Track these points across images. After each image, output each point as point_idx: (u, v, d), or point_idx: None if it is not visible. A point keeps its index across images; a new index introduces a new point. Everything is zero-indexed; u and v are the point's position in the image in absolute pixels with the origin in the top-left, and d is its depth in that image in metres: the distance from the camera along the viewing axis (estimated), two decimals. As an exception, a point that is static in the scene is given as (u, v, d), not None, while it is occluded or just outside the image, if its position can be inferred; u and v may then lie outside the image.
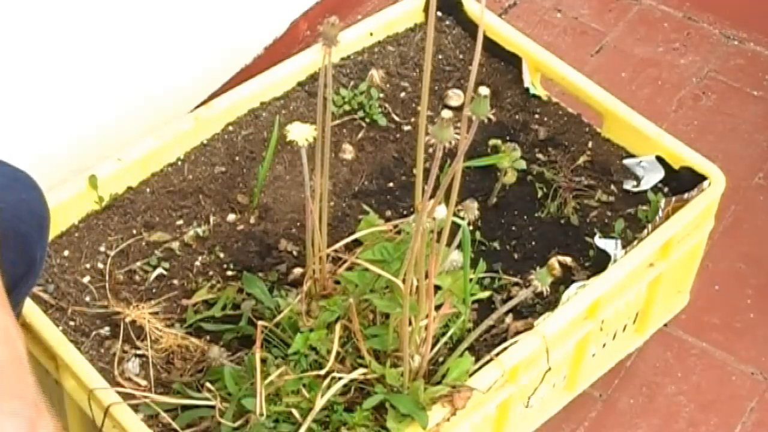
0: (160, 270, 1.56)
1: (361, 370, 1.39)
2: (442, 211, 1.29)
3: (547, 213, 1.66)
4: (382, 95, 1.80)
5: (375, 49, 1.86)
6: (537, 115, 1.79)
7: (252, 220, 1.63)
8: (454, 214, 1.32)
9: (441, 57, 1.86)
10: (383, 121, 1.76)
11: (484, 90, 1.12)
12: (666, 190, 1.69)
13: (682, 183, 1.67)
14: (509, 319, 1.52)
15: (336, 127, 1.74)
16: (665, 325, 1.79)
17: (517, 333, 1.48)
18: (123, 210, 1.61)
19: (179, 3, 1.85)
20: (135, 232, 1.60)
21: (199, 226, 1.61)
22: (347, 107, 1.77)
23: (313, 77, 1.79)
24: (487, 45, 1.83)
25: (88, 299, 1.52)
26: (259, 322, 1.43)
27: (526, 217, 1.66)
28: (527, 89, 1.82)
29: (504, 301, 1.54)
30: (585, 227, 1.65)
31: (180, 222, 1.62)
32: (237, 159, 1.69)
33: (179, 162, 1.67)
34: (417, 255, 1.27)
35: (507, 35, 1.84)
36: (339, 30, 1.23)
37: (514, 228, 1.64)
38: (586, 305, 1.52)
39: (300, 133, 1.28)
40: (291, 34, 2.14)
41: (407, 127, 1.77)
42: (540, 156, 1.73)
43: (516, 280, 1.57)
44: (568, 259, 1.59)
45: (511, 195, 1.68)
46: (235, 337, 1.49)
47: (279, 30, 2.12)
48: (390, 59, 1.85)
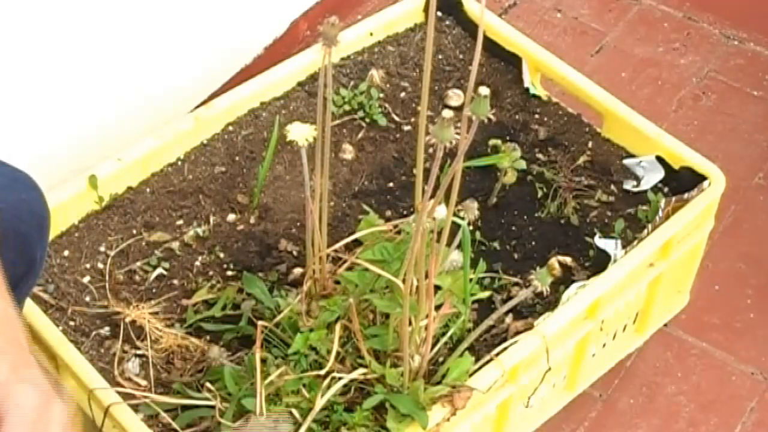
0: (160, 270, 1.56)
1: (361, 370, 1.39)
2: (442, 211, 1.29)
3: (547, 213, 1.66)
4: (382, 95, 1.80)
5: (375, 49, 1.86)
6: (537, 115, 1.79)
7: (252, 220, 1.63)
8: (454, 214, 1.31)
9: (441, 57, 1.86)
10: (383, 121, 1.76)
11: (484, 90, 1.12)
12: (666, 190, 1.69)
13: (682, 183, 1.67)
14: (509, 319, 1.52)
15: (336, 127, 1.74)
16: (665, 325, 1.79)
17: (517, 333, 1.48)
18: (123, 210, 1.61)
19: (179, 3, 1.85)
20: (135, 232, 1.60)
21: (199, 226, 1.61)
22: (347, 107, 1.77)
23: (313, 77, 1.79)
24: (487, 45, 1.83)
25: (88, 299, 1.52)
26: (259, 322, 1.43)
27: (526, 217, 1.66)
28: (527, 89, 1.82)
29: (504, 301, 1.54)
30: (585, 227, 1.65)
31: (180, 222, 1.62)
32: (237, 159, 1.69)
33: (179, 162, 1.67)
34: (417, 255, 1.27)
35: (507, 35, 1.84)
36: (339, 30, 1.23)
37: (514, 228, 1.64)
38: (586, 305, 1.52)
39: (300, 133, 1.28)
40: (291, 34, 2.14)
41: (407, 127, 1.77)
42: (540, 156, 1.73)
43: (516, 280, 1.57)
44: (568, 259, 1.59)
45: (511, 195, 1.68)
46: (235, 337, 1.49)
47: (279, 30, 2.12)
48: (390, 59, 1.85)
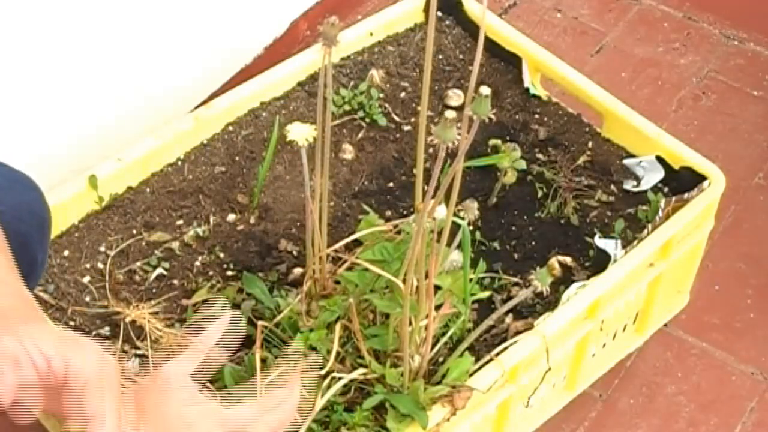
0: (160, 270, 1.56)
1: (361, 370, 1.39)
2: (442, 211, 1.29)
3: (547, 213, 1.66)
4: (382, 95, 1.79)
5: (375, 49, 1.86)
6: (537, 115, 1.79)
7: (252, 220, 1.63)
8: (454, 214, 1.31)
9: (441, 57, 1.86)
10: (383, 121, 1.76)
11: (485, 90, 1.12)
12: (666, 190, 1.69)
13: (682, 183, 1.67)
14: (509, 319, 1.52)
15: (336, 127, 1.74)
16: (665, 325, 1.79)
17: (517, 333, 1.48)
18: (123, 210, 1.61)
19: (179, 3, 1.85)
20: (135, 232, 1.60)
21: (199, 226, 1.61)
22: (347, 107, 1.77)
23: (313, 77, 1.79)
24: (487, 45, 1.83)
25: (88, 299, 1.52)
26: (259, 322, 1.43)
27: (526, 217, 1.66)
28: (527, 89, 1.82)
29: (504, 301, 1.53)
30: (585, 227, 1.64)
31: (180, 222, 1.62)
32: (237, 159, 1.69)
33: (179, 162, 1.67)
34: (417, 255, 1.27)
35: (507, 35, 1.84)
36: (339, 30, 1.23)
37: (514, 228, 1.64)
38: (586, 305, 1.52)
39: (300, 133, 1.28)
40: (291, 34, 2.14)
41: (407, 127, 1.77)
42: (540, 156, 1.73)
43: (516, 280, 1.57)
44: (568, 259, 1.59)
45: (511, 195, 1.68)
46: (235, 337, 1.49)
47: (279, 30, 2.12)
48: (390, 59, 1.85)
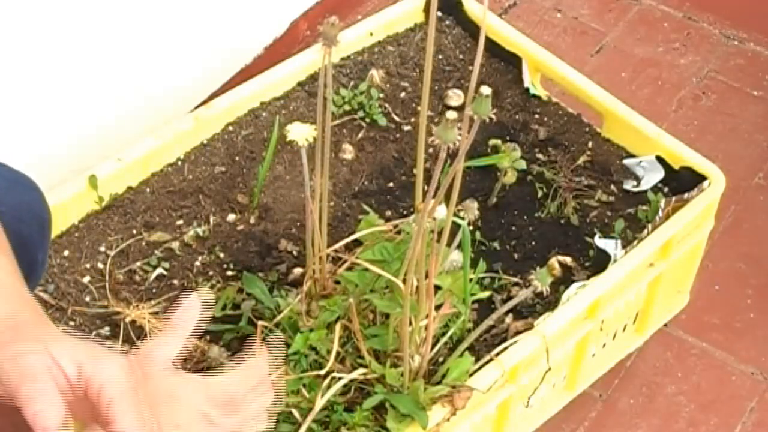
0: (160, 270, 1.56)
1: (361, 370, 1.39)
2: (442, 211, 1.29)
3: (547, 213, 1.66)
4: (382, 95, 1.79)
5: (375, 49, 1.86)
6: (537, 115, 1.79)
7: (252, 220, 1.63)
8: (454, 214, 1.31)
9: (441, 57, 1.86)
10: (383, 121, 1.76)
11: (486, 89, 1.12)
12: (666, 190, 1.69)
13: (682, 183, 1.67)
14: (509, 319, 1.51)
15: (336, 127, 1.74)
16: (665, 325, 1.79)
17: (517, 333, 1.48)
18: (123, 210, 1.61)
19: (179, 3, 1.85)
20: (135, 232, 1.60)
21: (199, 226, 1.61)
22: (347, 107, 1.77)
23: (313, 77, 1.79)
24: (487, 45, 1.83)
25: (88, 299, 1.52)
26: (259, 322, 1.43)
27: (526, 217, 1.66)
28: (527, 89, 1.82)
29: (504, 301, 1.53)
30: (585, 227, 1.64)
31: (180, 222, 1.62)
32: (237, 159, 1.69)
33: (179, 162, 1.67)
34: (417, 255, 1.27)
35: (507, 35, 1.84)
36: (339, 30, 1.23)
37: (514, 228, 1.64)
38: (586, 305, 1.52)
39: (300, 133, 1.28)
40: (291, 34, 2.14)
41: (407, 127, 1.76)
42: (540, 156, 1.73)
43: (516, 280, 1.57)
44: (568, 259, 1.59)
45: (511, 195, 1.68)
46: (235, 337, 1.48)
47: (279, 30, 2.12)
48: (390, 59, 1.85)
